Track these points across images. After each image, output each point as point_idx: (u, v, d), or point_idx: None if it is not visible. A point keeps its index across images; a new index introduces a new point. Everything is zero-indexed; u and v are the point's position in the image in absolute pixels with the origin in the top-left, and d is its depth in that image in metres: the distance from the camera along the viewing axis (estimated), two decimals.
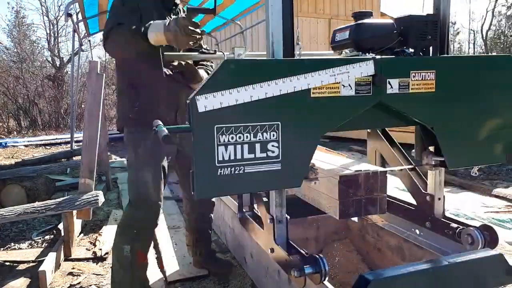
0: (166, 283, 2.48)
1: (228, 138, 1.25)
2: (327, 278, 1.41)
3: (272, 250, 1.63)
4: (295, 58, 1.43)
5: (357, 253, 2.40)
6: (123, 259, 2.01)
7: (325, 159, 2.04)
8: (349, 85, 1.35)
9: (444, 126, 1.50)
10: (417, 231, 1.98)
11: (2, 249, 3.11)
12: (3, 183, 4.14)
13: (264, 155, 1.30)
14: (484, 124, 1.55)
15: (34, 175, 4.53)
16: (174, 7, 2.08)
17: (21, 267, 2.80)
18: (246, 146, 1.27)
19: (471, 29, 20.99)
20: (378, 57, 1.43)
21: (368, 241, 2.31)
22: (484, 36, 19.23)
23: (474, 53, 20.45)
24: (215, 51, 1.85)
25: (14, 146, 8.65)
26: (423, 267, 1.38)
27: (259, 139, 1.29)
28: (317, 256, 1.41)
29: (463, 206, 3.83)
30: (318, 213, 2.28)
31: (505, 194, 4.08)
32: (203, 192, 1.29)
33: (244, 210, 2.07)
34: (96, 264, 2.82)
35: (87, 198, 2.84)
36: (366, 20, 1.58)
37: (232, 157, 1.26)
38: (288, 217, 1.61)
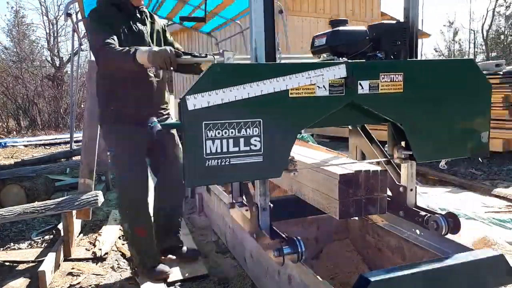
0: (166, 283, 2.48)
1: (215, 133, 1.39)
2: (303, 258, 1.55)
3: (257, 235, 1.77)
4: (275, 62, 1.58)
5: (357, 253, 2.40)
6: (126, 235, 2.60)
7: (325, 159, 2.04)
8: (324, 86, 1.51)
9: (412, 123, 1.66)
10: (418, 231, 1.98)
11: (1, 249, 3.11)
12: (2, 183, 4.13)
13: (247, 148, 1.45)
14: (448, 121, 1.70)
15: (34, 175, 4.52)
16: (138, 15, 2.39)
17: (21, 267, 2.80)
18: (231, 141, 1.42)
19: (472, 29, 20.96)
20: (350, 61, 1.59)
21: (368, 241, 2.31)
22: (485, 35, 19.22)
23: (474, 53, 20.45)
24: (206, 54, 1.97)
25: (13, 146, 8.64)
26: (423, 267, 1.38)
27: (243, 134, 1.43)
28: (295, 238, 1.56)
29: (463, 206, 3.82)
30: (318, 213, 2.27)
31: (505, 194, 4.07)
32: (192, 181, 1.43)
33: (234, 201, 2.20)
34: (96, 264, 2.81)
35: (87, 198, 2.83)
36: (341, 28, 1.75)
37: (219, 150, 1.41)
38: (272, 205, 1.74)
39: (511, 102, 5.11)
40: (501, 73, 5.07)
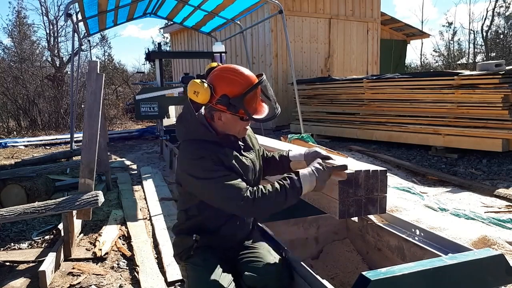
0: (166, 283, 2.48)
1: None
2: None
3: None
4: None
5: (357, 253, 2.40)
6: None
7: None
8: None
9: None
10: (417, 231, 1.98)
11: (2, 249, 3.11)
12: (3, 183, 4.13)
13: None
14: None
15: (34, 175, 4.52)
16: (241, 142, 1.81)
17: (21, 267, 2.80)
18: None
19: (471, 29, 20.94)
20: None
21: (368, 241, 2.31)
22: (484, 36, 19.21)
23: (474, 53, 20.43)
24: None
25: (14, 146, 8.63)
26: (423, 267, 1.38)
27: None
28: None
29: (463, 206, 3.83)
30: (318, 213, 2.27)
31: (505, 194, 4.07)
32: None
33: None
34: (96, 264, 2.82)
35: (87, 198, 2.83)
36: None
37: None
38: None
39: (511, 102, 5.11)
40: (501, 73, 5.07)
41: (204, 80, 1.64)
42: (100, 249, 2.98)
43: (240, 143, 1.80)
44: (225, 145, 1.72)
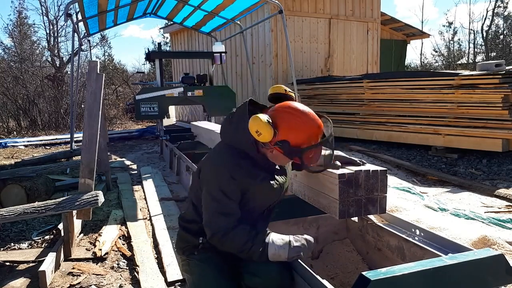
0: (166, 283, 2.48)
1: None
2: None
3: None
4: None
5: (357, 253, 2.40)
6: None
7: None
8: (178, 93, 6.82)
9: (207, 104, 6.95)
10: (417, 231, 1.98)
11: (2, 249, 3.11)
12: (3, 183, 4.13)
13: None
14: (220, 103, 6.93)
15: (34, 175, 4.53)
16: (278, 166, 1.84)
17: (21, 267, 2.80)
18: None
19: (471, 29, 20.96)
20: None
21: (368, 241, 2.31)
22: (484, 36, 19.21)
23: (474, 53, 20.43)
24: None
25: (13, 146, 8.63)
26: (423, 267, 1.38)
27: None
28: None
29: (463, 206, 3.83)
30: (318, 213, 2.27)
31: (505, 194, 4.07)
32: None
33: None
34: (96, 264, 2.82)
35: (87, 198, 2.83)
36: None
37: None
38: None
39: (511, 102, 5.11)
40: (501, 73, 5.07)
41: (269, 120, 1.59)
42: (100, 249, 2.98)
43: (276, 166, 1.82)
44: (261, 164, 1.74)
